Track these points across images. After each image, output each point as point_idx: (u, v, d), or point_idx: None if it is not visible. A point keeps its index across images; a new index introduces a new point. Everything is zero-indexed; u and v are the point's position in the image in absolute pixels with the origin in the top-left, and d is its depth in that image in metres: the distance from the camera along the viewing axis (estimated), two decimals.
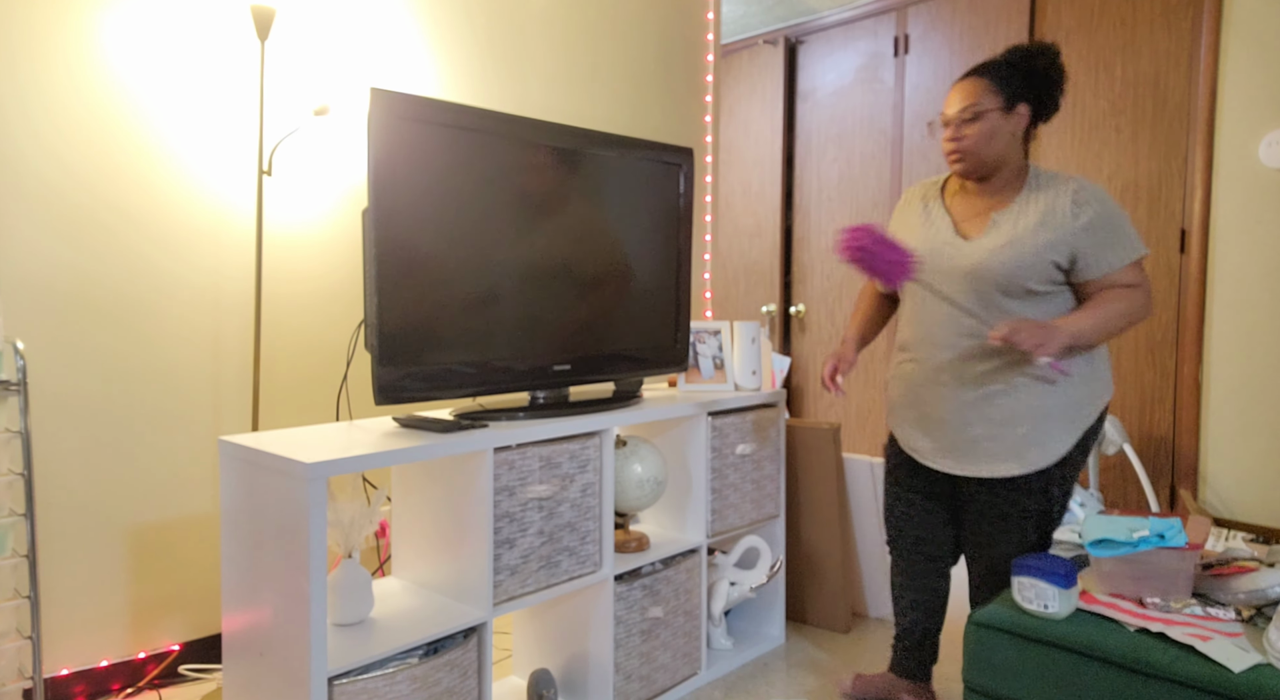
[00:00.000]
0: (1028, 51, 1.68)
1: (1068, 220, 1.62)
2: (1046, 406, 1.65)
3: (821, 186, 4.18)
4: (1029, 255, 1.63)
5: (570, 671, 1.93)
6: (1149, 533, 1.54)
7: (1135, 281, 1.63)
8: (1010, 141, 1.68)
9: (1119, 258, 1.62)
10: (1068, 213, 1.62)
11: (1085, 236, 1.61)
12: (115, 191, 1.97)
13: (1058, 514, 1.72)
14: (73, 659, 1.95)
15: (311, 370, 2.32)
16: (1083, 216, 1.62)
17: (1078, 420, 1.67)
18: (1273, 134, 2.82)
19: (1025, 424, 1.66)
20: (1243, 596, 1.49)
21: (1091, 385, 1.69)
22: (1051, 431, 1.66)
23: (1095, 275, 1.63)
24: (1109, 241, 1.62)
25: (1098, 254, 1.62)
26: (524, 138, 1.73)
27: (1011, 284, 1.65)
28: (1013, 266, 1.64)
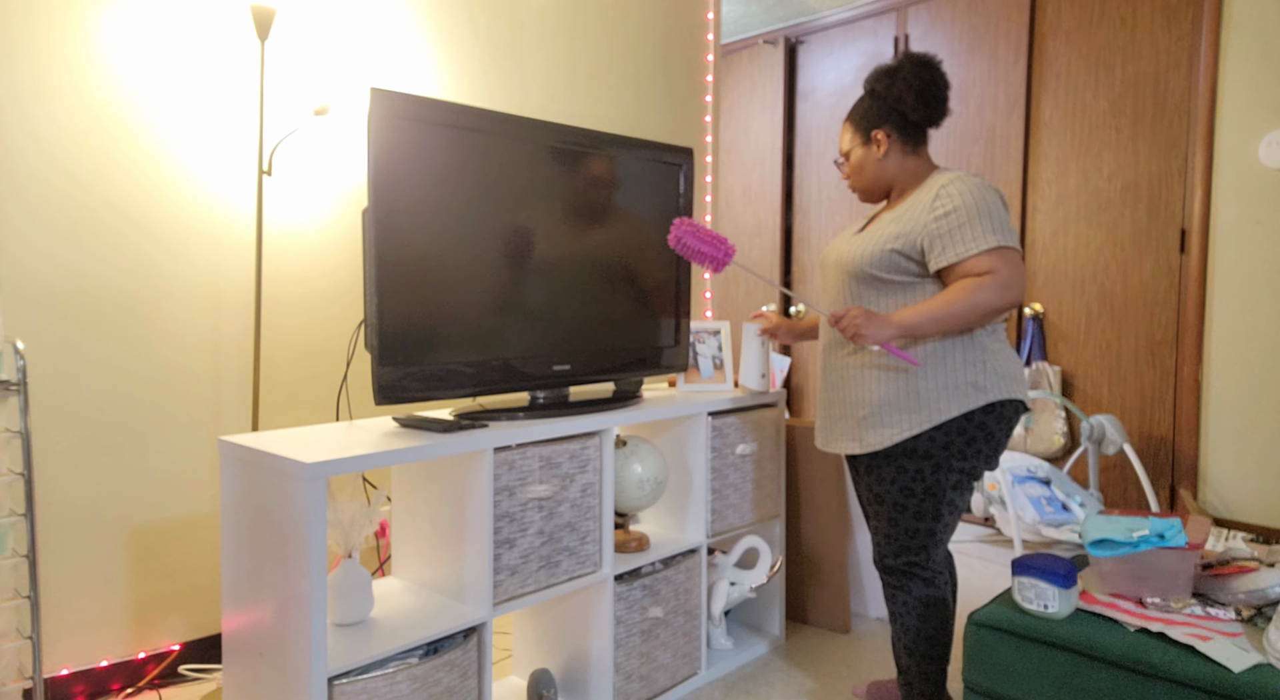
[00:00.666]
0: (870, 78, 1.81)
1: (923, 213, 1.69)
2: (884, 394, 1.72)
3: (821, 186, 4.18)
4: (873, 243, 1.74)
5: (570, 671, 1.93)
6: (1149, 533, 1.54)
7: (988, 269, 1.62)
8: (880, 165, 1.81)
9: (971, 246, 1.62)
10: (926, 205, 1.69)
11: (937, 225, 1.66)
12: (115, 191, 1.97)
13: (918, 503, 1.72)
14: (73, 659, 1.95)
15: (311, 370, 2.32)
16: (940, 208, 1.67)
17: (923, 411, 1.68)
18: (1273, 134, 2.82)
19: (865, 408, 1.75)
20: (1243, 596, 1.49)
21: (943, 380, 1.69)
22: (890, 418, 1.71)
23: (944, 262, 1.65)
24: (962, 230, 1.63)
25: (946, 242, 1.65)
26: (524, 138, 1.73)
27: (860, 272, 1.75)
28: (859, 255, 1.75)
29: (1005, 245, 1.63)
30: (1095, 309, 3.29)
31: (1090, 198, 3.29)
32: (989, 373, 1.69)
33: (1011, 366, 1.73)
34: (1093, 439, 3.00)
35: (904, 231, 1.70)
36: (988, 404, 1.68)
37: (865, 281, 1.76)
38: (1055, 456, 3.39)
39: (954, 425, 1.68)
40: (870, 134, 1.80)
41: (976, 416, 1.68)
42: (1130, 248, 3.19)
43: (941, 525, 1.73)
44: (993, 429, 1.70)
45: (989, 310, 1.61)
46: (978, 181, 1.68)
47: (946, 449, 1.69)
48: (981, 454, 1.71)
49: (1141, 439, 3.18)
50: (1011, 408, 1.72)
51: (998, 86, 3.53)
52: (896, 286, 1.73)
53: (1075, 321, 3.35)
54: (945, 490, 1.71)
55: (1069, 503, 3.03)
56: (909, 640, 1.77)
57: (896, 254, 1.70)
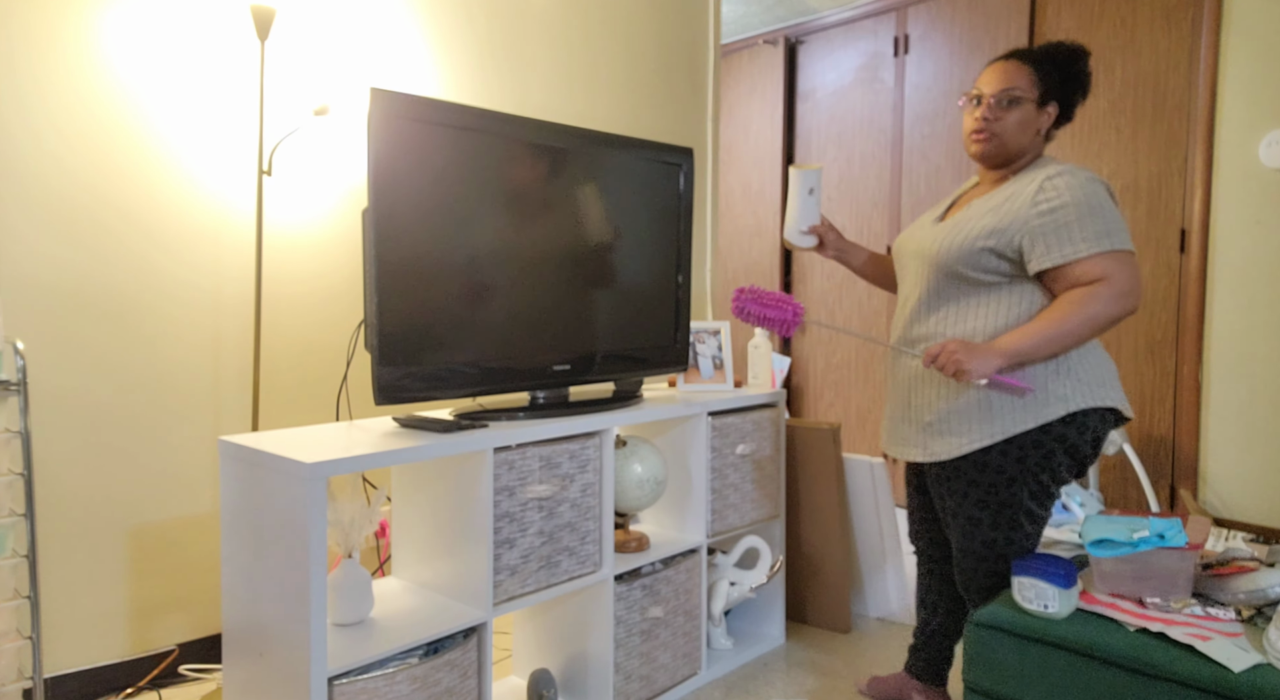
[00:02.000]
0: (1071, 51, 1.61)
1: (1024, 207, 1.54)
2: (954, 400, 1.60)
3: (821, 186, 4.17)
4: (963, 236, 1.58)
5: (570, 671, 1.93)
6: (1149, 533, 1.54)
7: (1101, 275, 1.47)
8: (1034, 134, 1.63)
9: (1081, 247, 1.48)
10: (1028, 199, 1.54)
11: (1041, 222, 1.51)
12: (115, 191, 1.97)
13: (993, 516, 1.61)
14: (73, 659, 1.95)
15: (311, 370, 2.32)
16: (1043, 203, 1.52)
17: (995, 422, 1.56)
18: (1273, 134, 2.82)
19: (931, 413, 1.64)
20: (1243, 596, 1.49)
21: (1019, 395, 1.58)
22: (958, 427, 1.60)
23: (1048, 264, 1.51)
24: (1069, 229, 1.49)
25: (1051, 241, 1.50)
26: (524, 138, 1.73)
27: (947, 267, 1.60)
28: (946, 248, 1.60)
29: (1120, 248, 1.48)
30: None
31: None
32: (1073, 379, 1.54)
33: (1100, 371, 1.58)
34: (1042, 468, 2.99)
35: (1000, 226, 1.54)
36: (1067, 414, 1.54)
37: (952, 278, 1.60)
38: None
39: (1028, 438, 1.55)
40: (1047, 101, 1.61)
41: (1055, 428, 1.55)
42: None
43: (1021, 535, 1.61)
44: (1075, 441, 1.56)
45: (1106, 323, 1.46)
46: (1088, 175, 1.52)
47: (1020, 462, 1.56)
48: (1062, 466, 1.58)
49: (1141, 439, 3.18)
50: (1097, 417, 1.56)
51: None
52: (986, 287, 1.58)
53: None
54: (1022, 501, 1.59)
55: (1069, 503, 3.03)
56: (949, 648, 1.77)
57: (990, 252, 1.55)
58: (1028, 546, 1.64)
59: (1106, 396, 1.56)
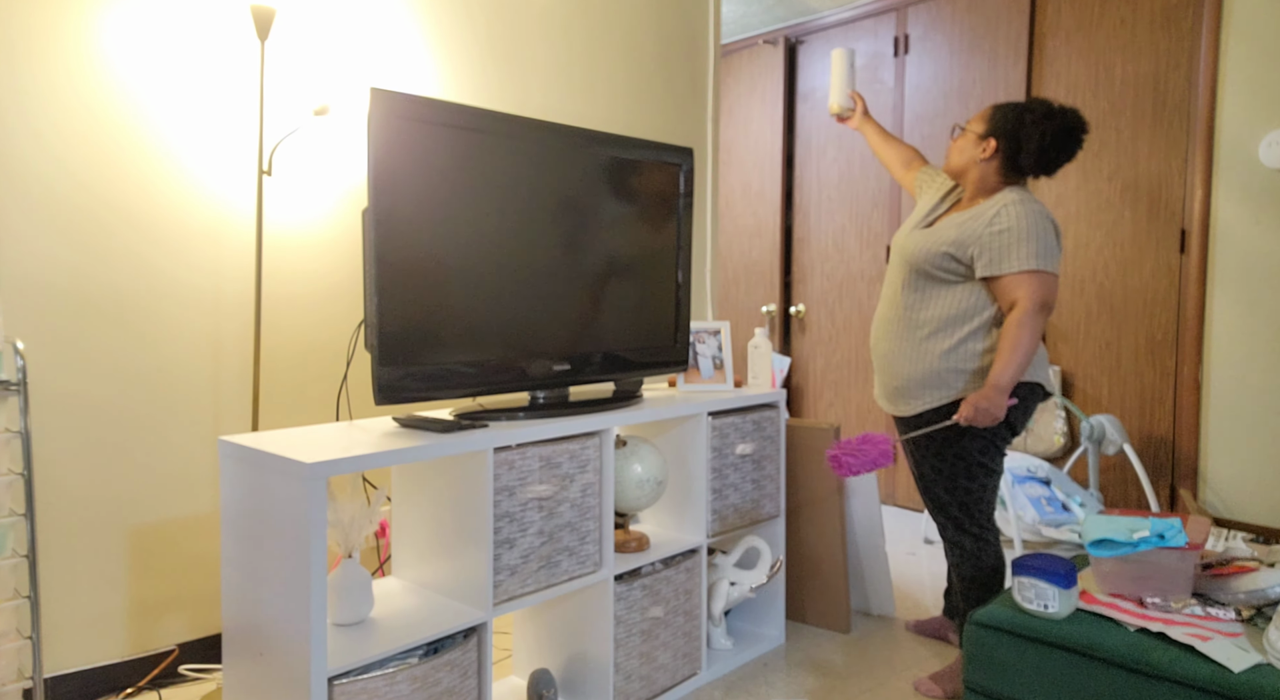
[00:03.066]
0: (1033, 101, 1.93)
1: (981, 225, 1.90)
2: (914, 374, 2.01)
3: (821, 186, 4.18)
4: (933, 242, 1.96)
5: (570, 671, 1.93)
6: (1149, 533, 1.54)
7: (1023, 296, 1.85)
8: (970, 163, 2.00)
9: (1014, 264, 1.85)
10: (986, 219, 1.90)
11: (991, 239, 1.88)
12: (115, 191, 1.97)
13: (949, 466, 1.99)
14: (73, 659, 1.95)
15: (311, 370, 2.32)
16: (995, 225, 1.88)
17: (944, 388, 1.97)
18: (1273, 134, 2.82)
19: (899, 381, 2.05)
20: (1243, 596, 1.49)
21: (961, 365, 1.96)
22: (916, 392, 2.01)
23: (988, 273, 1.89)
24: (1009, 249, 1.86)
25: (993, 256, 1.88)
26: (524, 137, 1.73)
27: (918, 266, 1.99)
28: (920, 250, 1.98)
29: (1041, 268, 1.85)
30: (1095, 309, 3.29)
31: (1090, 198, 3.29)
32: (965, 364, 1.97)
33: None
34: (1093, 439, 3.00)
35: (961, 239, 1.92)
36: None
37: (921, 275, 2.00)
38: (1055, 456, 3.39)
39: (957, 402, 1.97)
40: (986, 137, 1.96)
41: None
42: (1130, 248, 3.19)
43: (978, 485, 1.98)
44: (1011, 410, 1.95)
45: (1039, 330, 1.86)
46: (1037, 209, 1.88)
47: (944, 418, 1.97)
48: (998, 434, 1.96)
49: (1141, 439, 3.18)
50: (1026, 389, 1.94)
51: (998, 86, 3.53)
52: (943, 282, 1.98)
53: (1075, 321, 3.35)
54: (971, 454, 1.96)
55: (1069, 503, 3.03)
56: (963, 587, 2.04)
57: (949, 257, 1.94)
58: (987, 497, 2.00)
59: (1034, 374, 1.95)
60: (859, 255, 4.03)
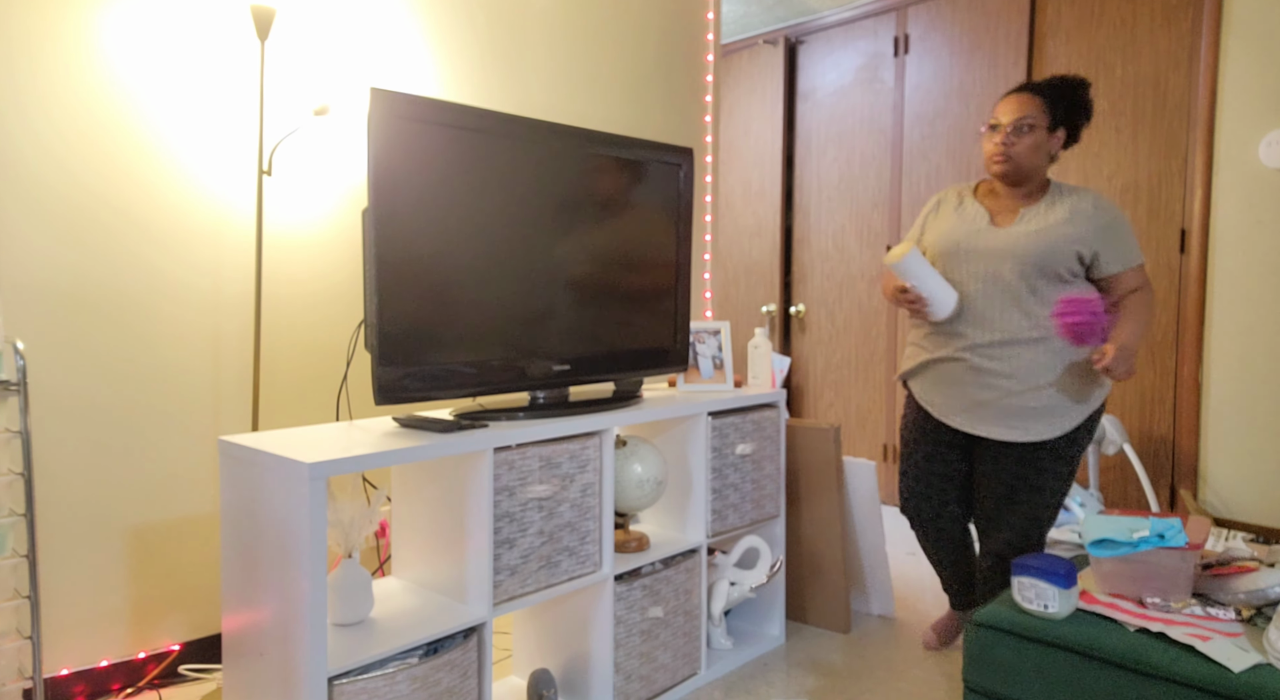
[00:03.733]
0: (1076, 83, 1.93)
1: (1090, 219, 1.89)
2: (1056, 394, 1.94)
3: (821, 186, 4.18)
4: (1058, 241, 1.89)
5: (570, 671, 1.93)
6: (1149, 533, 1.54)
7: (1141, 283, 1.92)
8: (1045, 158, 1.96)
9: (1132, 259, 1.91)
10: (1091, 213, 1.90)
11: (1103, 235, 1.89)
12: (115, 192, 1.97)
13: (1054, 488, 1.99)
14: (73, 659, 1.95)
15: (311, 370, 2.32)
16: (1101, 219, 1.89)
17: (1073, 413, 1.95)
18: (1273, 134, 2.82)
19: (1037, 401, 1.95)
20: (1243, 596, 1.49)
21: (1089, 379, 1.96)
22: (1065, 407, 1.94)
23: (1112, 271, 1.90)
24: (1122, 244, 1.90)
25: (1115, 252, 1.90)
26: (524, 138, 1.73)
27: (1044, 266, 1.90)
28: (1044, 250, 1.89)
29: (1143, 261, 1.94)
30: None
31: None
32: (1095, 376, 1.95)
33: None
34: (1093, 439, 3.00)
35: (1080, 235, 1.89)
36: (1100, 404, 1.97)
37: (1046, 276, 1.90)
38: None
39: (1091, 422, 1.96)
40: (1056, 127, 1.94)
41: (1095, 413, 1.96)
42: None
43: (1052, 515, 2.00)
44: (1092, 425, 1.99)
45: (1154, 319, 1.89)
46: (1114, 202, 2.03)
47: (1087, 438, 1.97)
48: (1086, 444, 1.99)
49: (1141, 439, 3.18)
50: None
51: (998, 86, 3.52)
52: (1063, 283, 1.92)
53: None
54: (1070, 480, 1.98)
55: (1069, 503, 3.03)
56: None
57: (1075, 255, 1.89)
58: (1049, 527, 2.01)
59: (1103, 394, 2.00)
60: (859, 255, 4.03)
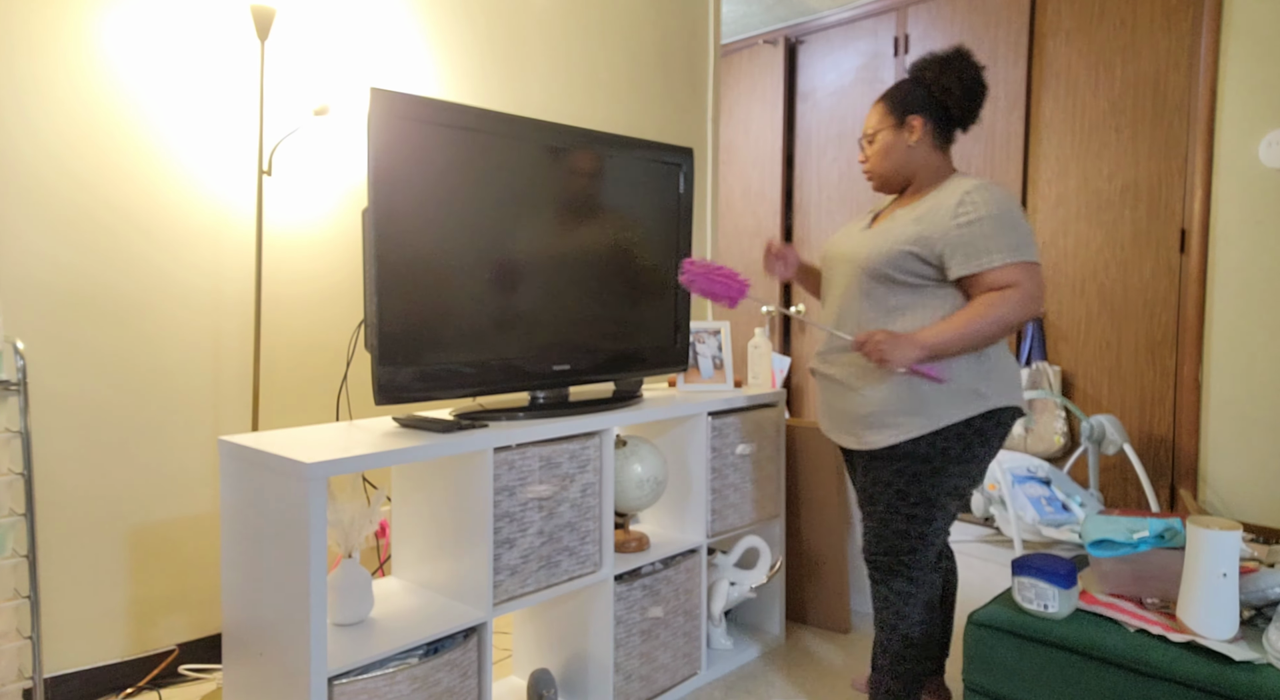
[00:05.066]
0: (919, 64, 1.77)
1: (945, 218, 1.66)
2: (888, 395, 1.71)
3: (821, 186, 4.18)
4: (892, 243, 1.69)
5: (570, 671, 1.93)
6: (1149, 533, 1.54)
7: (1012, 282, 1.62)
8: (907, 154, 1.77)
9: (995, 258, 1.61)
10: (950, 210, 1.66)
11: (960, 233, 1.64)
12: (115, 191, 1.97)
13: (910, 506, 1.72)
14: (73, 659, 1.95)
15: (311, 370, 2.32)
16: (963, 215, 1.64)
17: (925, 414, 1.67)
18: (1273, 134, 2.82)
19: (868, 406, 1.74)
20: (1243, 596, 1.49)
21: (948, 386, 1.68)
22: (891, 419, 1.70)
23: (966, 272, 1.63)
24: (986, 240, 1.62)
25: (969, 251, 1.63)
26: (524, 138, 1.73)
27: (874, 269, 1.72)
28: (874, 252, 1.72)
29: (1029, 260, 1.62)
30: (1095, 309, 3.29)
31: (1090, 198, 3.29)
32: (992, 380, 1.68)
33: (1012, 373, 1.74)
34: (1093, 439, 3.00)
35: (924, 234, 1.67)
36: (988, 411, 1.68)
37: (878, 279, 1.72)
38: (1055, 456, 3.39)
39: (954, 431, 1.67)
40: (905, 118, 1.76)
41: (976, 422, 1.68)
42: (1130, 248, 3.19)
43: (933, 529, 1.72)
44: (990, 435, 1.70)
45: (1013, 325, 1.61)
46: (1003, 192, 1.67)
47: (945, 454, 1.68)
48: (977, 459, 1.71)
49: (1141, 439, 3.18)
50: (1009, 414, 1.72)
51: (998, 86, 3.52)
52: (907, 287, 1.70)
53: (1075, 321, 3.35)
54: (940, 495, 1.71)
55: (1069, 503, 3.03)
56: (884, 636, 1.76)
57: (913, 257, 1.68)
58: (937, 543, 1.74)
59: (1017, 396, 1.73)
60: None
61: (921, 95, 1.75)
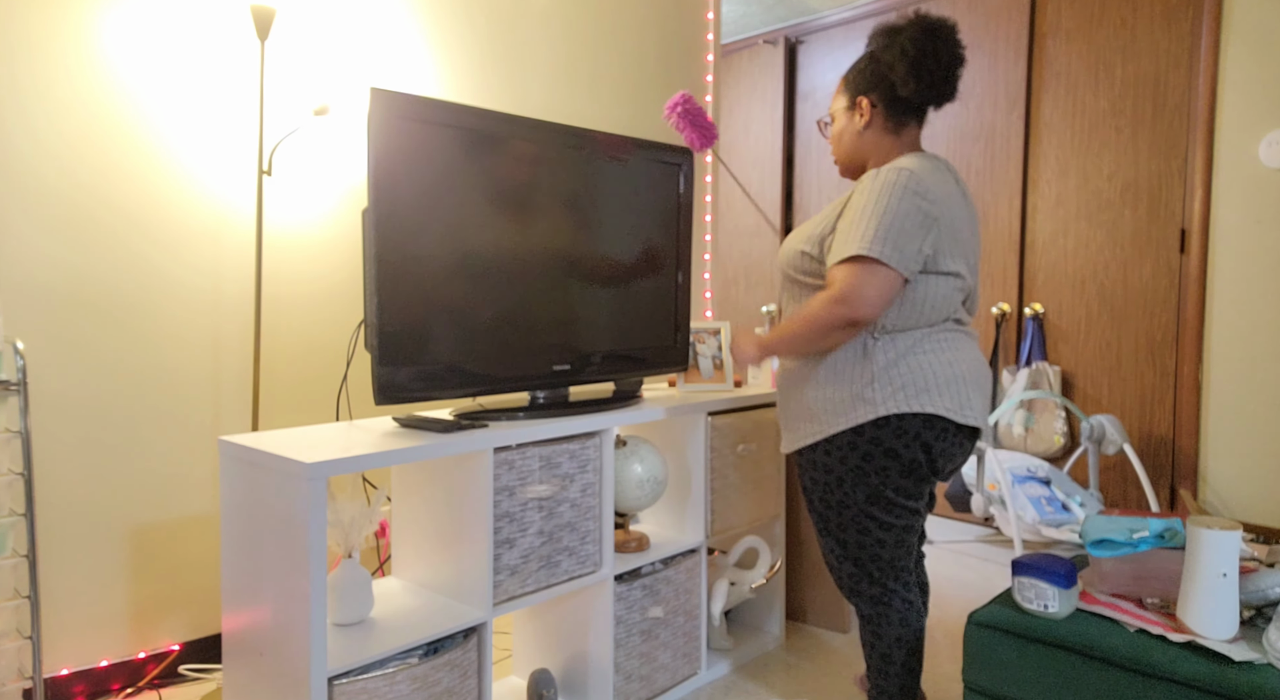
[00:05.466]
0: (872, 34, 1.60)
1: (838, 208, 1.58)
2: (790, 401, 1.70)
3: (821, 186, 4.18)
4: (793, 243, 1.66)
5: (570, 671, 1.93)
6: (1149, 533, 1.54)
7: (834, 280, 1.50)
8: (858, 137, 1.65)
9: (841, 251, 1.49)
10: (847, 198, 1.57)
11: (838, 224, 1.54)
12: (115, 192, 1.97)
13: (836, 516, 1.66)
14: (73, 659, 1.95)
15: (311, 370, 2.32)
16: (853, 203, 1.53)
17: (815, 422, 1.62)
18: (1273, 134, 2.82)
19: (782, 412, 1.74)
20: (1243, 596, 1.49)
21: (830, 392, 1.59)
22: (793, 424, 1.69)
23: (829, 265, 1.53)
24: (841, 235, 1.51)
25: (830, 246, 1.54)
26: (524, 137, 1.73)
27: (785, 273, 1.69)
28: (783, 254, 1.69)
29: (862, 254, 1.46)
30: (1095, 309, 3.29)
31: (1090, 198, 3.29)
32: (880, 385, 1.54)
33: (922, 377, 1.55)
34: (1093, 439, 3.00)
35: (814, 232, 1.58)
36: (879, 418, 1.55)
37: (789, 281, 1.67)
38: (1055, 456, 3.39)
39: (844, 439, 1.58)
40: (855, 99, 1.63)
41: (867, 431, 1.56)
42: (1130, 248, 3.19)
43: (871, 540, 1.62)
44: (892, 445, 1.55)
45: (826, 329, 1.50)
46: (893, 177, 1.49)
47: (843, 463, 1.59)
48: (890, 471, 1.57)
49: (1141, 439, 3.18)
50: (920, 422, 1.54)
51: (998, 86, 3.52)
52: (809, 289, 1.61)
53: (1075, 321, 3.35)
54: (858, 504, 1.61)
55: (1069, 503, 3.03)
56: (865, 651, 1.73)
57: (806, 256, 1.60)
58: (885, 555, 1.65)
59: (926, 402, 1.54)
60: None
61: (872, 72, 1.60)
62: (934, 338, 1.59)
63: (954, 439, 1.59)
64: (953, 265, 1.56)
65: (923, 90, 1.55)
